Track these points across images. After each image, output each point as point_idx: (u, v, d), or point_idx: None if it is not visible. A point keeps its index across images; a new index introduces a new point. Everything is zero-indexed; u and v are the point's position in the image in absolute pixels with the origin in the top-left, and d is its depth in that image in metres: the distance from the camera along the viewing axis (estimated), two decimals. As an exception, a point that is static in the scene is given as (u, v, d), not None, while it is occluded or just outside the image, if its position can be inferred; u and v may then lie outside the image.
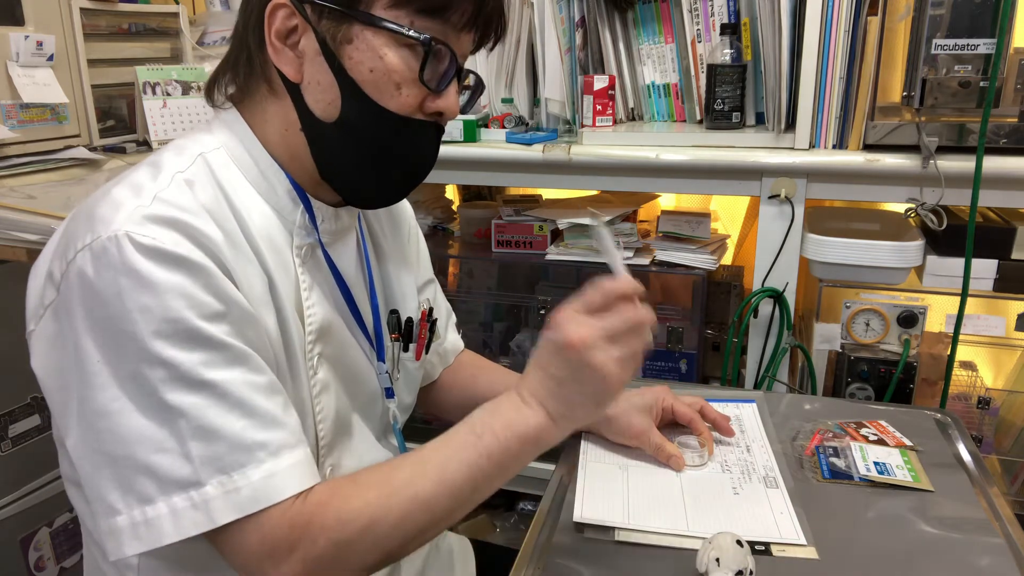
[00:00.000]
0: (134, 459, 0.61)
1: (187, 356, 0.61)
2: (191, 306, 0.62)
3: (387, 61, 0.69)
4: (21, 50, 1.27)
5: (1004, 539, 0.78)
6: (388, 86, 0.70)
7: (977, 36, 1.18)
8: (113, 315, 0.61)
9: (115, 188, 0.67)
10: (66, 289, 0.64)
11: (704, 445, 0.93)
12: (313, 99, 0.72)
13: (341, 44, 0.69)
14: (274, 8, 0.69)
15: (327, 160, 0.74)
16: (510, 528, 1.83)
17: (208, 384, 0.62)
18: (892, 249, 1.30)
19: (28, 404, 1.21)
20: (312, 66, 0.71)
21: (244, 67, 0.74)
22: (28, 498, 1.24)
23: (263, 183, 0.74)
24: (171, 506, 0.61)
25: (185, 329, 0.62)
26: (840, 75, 1.29)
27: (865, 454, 0.92)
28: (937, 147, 1.23)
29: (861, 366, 1.37)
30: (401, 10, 0.69)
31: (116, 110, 1.53)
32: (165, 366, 0.61)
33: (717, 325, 1.66)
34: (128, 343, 0.61)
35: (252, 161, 0.74)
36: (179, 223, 0.64)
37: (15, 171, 1.25)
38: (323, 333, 0.77)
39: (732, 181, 1.40)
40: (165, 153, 0.72)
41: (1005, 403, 1.46)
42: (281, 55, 0.71)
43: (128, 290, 0.61)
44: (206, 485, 0.61)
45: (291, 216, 0.76)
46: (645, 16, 1.55)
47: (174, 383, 0.61)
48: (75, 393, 0.64)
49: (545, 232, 1.60)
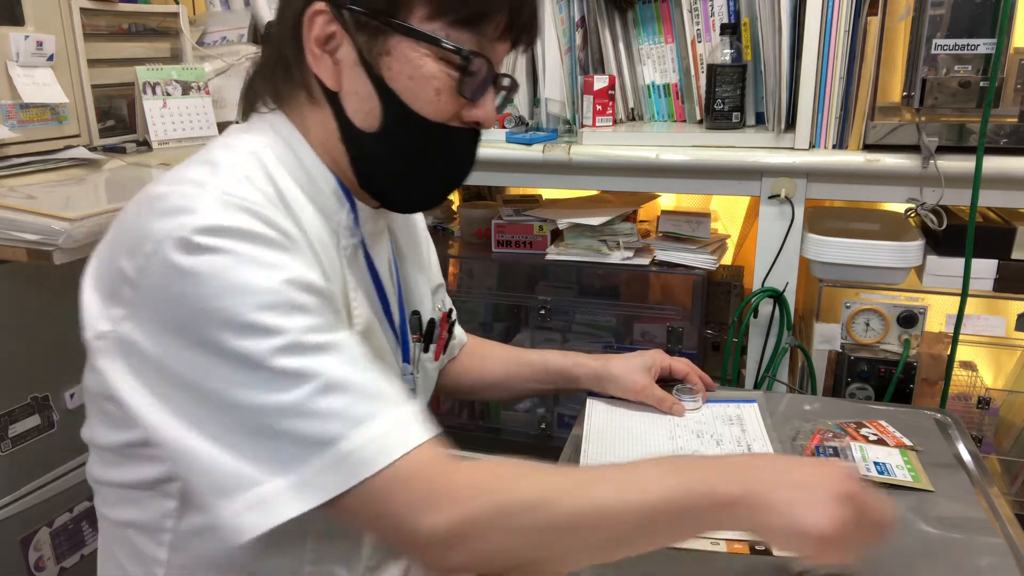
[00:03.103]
0: (266, 429, 0.60)
1: (294, 322, 0.61)
2: (289, 279, 0.62)
3: (425, 71, 0.70)
4: (21, 50, 1.27)
5: (1004, 539, 0.78)
6: (427, 94, 0.71)
7: (977, 36, 1.18)
8: (213, 294, 0.60)
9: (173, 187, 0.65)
10: (149, 285, 0.62)
11: (698, 392, 1.06)
12: (352, 108, 0.72)
13: (379, 55, 0.70)
14: (313, 14, 0.70)
15: (368, 169, 0.75)
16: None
17: (322, 346, 0.62)
18: (892, 249, 1.30)
19: (28, 404, 1.21)
20: (351, 75, 0.71)
21: (281, 73, 0.74)
22: (28, 498, 1.24)
23: (309, 184, 0.74)
24: (315, 467, 0.60)
25: (286, 299, 0.62)
26: (840, 75, 1.29)
27: (865, 454, 0.92)
28: (937, 147, 1.23)
29: (861, 366, 1.37)
30: (438, 22, 0.69)
31: (116, 110, 1.53)
32: (274, 335, 0.60)
33: (717, 325, 1.66)
34: (232, 321, 0.60)
35: (298, 161, 0.74)
36: (254, 211, 0.64)
37: (15, 171, 1.25)
38: (366, 333, 0.78)
39: (732, 181, 1.40)
40: (214, 151, 0.71)
41: (1005, 403, 1.46)
42: (320, 62, 0.71)
43: (224, 269, 0.60)
44: (343, 440, 0.60)
45: (336, 216, 0.76)
46: (645, 16, 1.55)
47: (288, 350, 0.60)
48: (175, 386, 0.62)
49: (545, 232, 1.60)
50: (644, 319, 1.65)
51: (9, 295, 1.16)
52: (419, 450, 0.62)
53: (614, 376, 1.04)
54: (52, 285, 1.22)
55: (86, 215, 1.04)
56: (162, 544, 0.72)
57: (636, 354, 1.07)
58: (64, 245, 1.01)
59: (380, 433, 0.62)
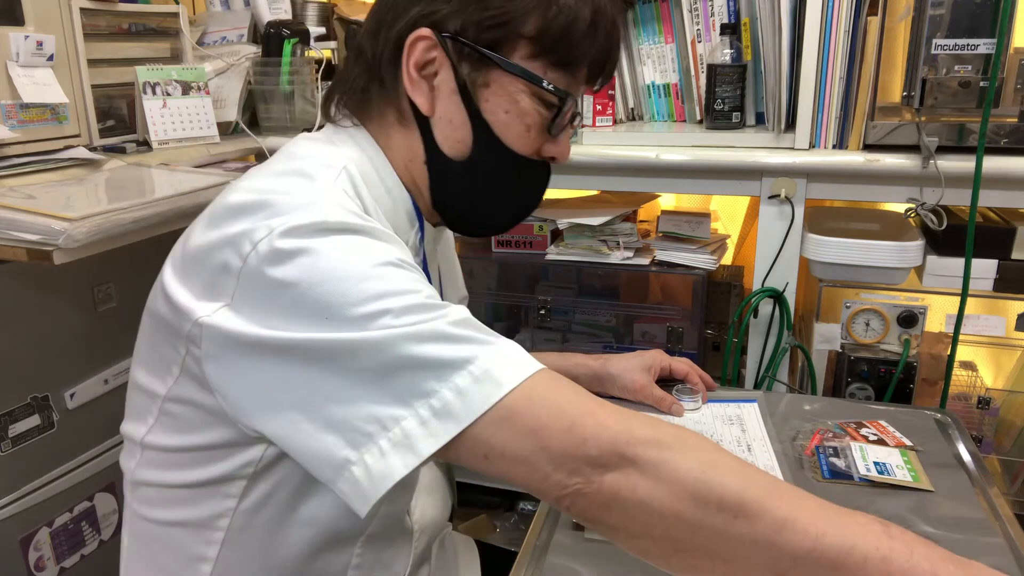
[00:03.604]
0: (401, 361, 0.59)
1: (417, 286, 0.61)
2: (400, 258, 0.63)
3: (521, 106, 0.72)
4: (21, 50, 1.27)
5: (1004, 539, 0.78)
6: (519, 129, 0.73)
7: (977, 36, 1.18)
8: (337, 267, 0.60)
9: (271, 195, 0.64)
10: (259, 273, 0.61)
11: (698, 392, 1.05)
12: (443, 135, 0.74)
13: (479, 87, 0.72)
14: (416, 39, 0.71)
15: (447, 194, 0.77)
16: (510, 528, 1.83)
17: (443, 305, 0.62)
18: (892, 249, 1.30)
19: (28, 404, 1.21)
20: (446, 102, 0.73)
21: (376, 91, 0.75)
22: (28, 498, 1.24)
23: (388, 202, 0.75)
24: (456, 386, 0.59)
25: (405, 270, 0.62)
26: (840, 75, 1.29)
27: (865, 454, 0.92)
28: (937, 147, 1.23)
29: (861, 366, 1.37)
30: (538, 61, 0.71)
31: (116, 110, 1.53)
32: (400, 295, 0.60)
33: (717, 325, 1.66)
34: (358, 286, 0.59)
35: (379, 179, 0.75)
36: (358, 213, 0.65)
37: (15, 171, 1.25)
38: None
39: (732, 181, 1.40)
40: (304, 162, 0.70)
41: (1005, 403, 1.46)
42: (417, 87, 0.72)
43: (344, 245, 0.61)
44: (479, 358, 0.60)
45: (405, 236, 0.77)
46: (645, 16, 1.55)
47: (414, 307, 0.60)
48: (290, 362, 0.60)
49: (545, 232, 1.60)
50: (644, 319, 1.65)
51: (9, 295, 1.16)
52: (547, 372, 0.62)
53: (613, 376, 1.03)
54: (52, 285, 1.22)
55: (86, 215, 1.04)
56: (213, 543, 0.72)
57: (636, 354, 1.06)
58: (64, 245, 1.01)
59: (513, 351, 0.62)
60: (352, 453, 0.59)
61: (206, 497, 0.71)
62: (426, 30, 0.71)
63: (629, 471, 0.58)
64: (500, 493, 1.84)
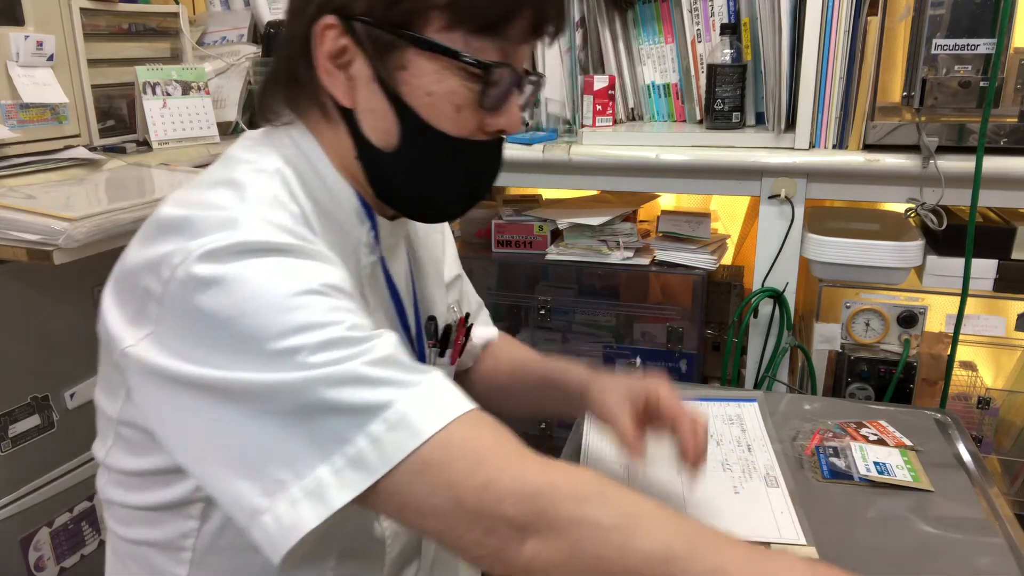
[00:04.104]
0: (315, 405, 0.56)
1: (339, 317, 0.58)
2: (330, 284, 0.60)
3: (445, 86, 0.66)
4: (21, 50, 1.27)
5: (1004, 539, 0.78)
6: (447, 109, 0.67)
7: (977, 36, 1.18)
8: (255, 296, 0.57)
9: (197, 211, 0.62)
10: (177, 299, 0.59)
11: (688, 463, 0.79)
12: (369, 126, 0.68)
13: (395, 70, 0.66)
14: (324, 28, 0.66)
15: (387, 187, 0.72)
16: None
17: (366, 338, 0.58)
18: (892, 249, 1.30)
19: (28, 404, 1.21)
20: (366, 92, 0.67)
21: (294, 88, 0.71)
22: (28, 498, 1.24)
23: (331, 202, 0.71)
24: (371, 435, 0.56)
25: (329, 298, 0.59)
26: (840, 75, 1.29)
27: (865, 454, 0.92)
28: (937, 147, 1.23)
29: (861, 366, 1.37)
30: (456, 32, 0.64)
31: (116, 110, 1.53)
32: (319, 328, 0.57)
33: (717, 325, 1.66)
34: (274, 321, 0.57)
35: (319, 177, 0.71)
36: (288, 228, 0.62)
37: (15, 171, 1.25)
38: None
39: (732, 181, 1.40)
40: (236, 170, 0.68)
41: (1005, 403, 1.46)
42: (333, 78, 0.67)
43: (264, 273, 0.58)
44: (397, 402, 0.56)
45: (356, 234, 0.73)
46: (645, 16, 1.55)
47: (333, 343, 0.57)
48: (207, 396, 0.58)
49: (545, 232, 1.60)
50: (644, 319, 1.65)
51: (9, 295, 1.16)
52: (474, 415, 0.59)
53: (592, 391, 0.85)
54: (52, 285, 1.22)
55: (86, 215, 1.04)
56: (182, 562, 0.71)
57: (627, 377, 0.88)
58: (64, 245, 1.01)
59: (435, 393, 0.58)
60: (264, 501, 0.56)
61: (168, 518, 0.69)
62: (331, 17, 0.65)
63: (548, 534, 0.55)
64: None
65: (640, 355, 1.61)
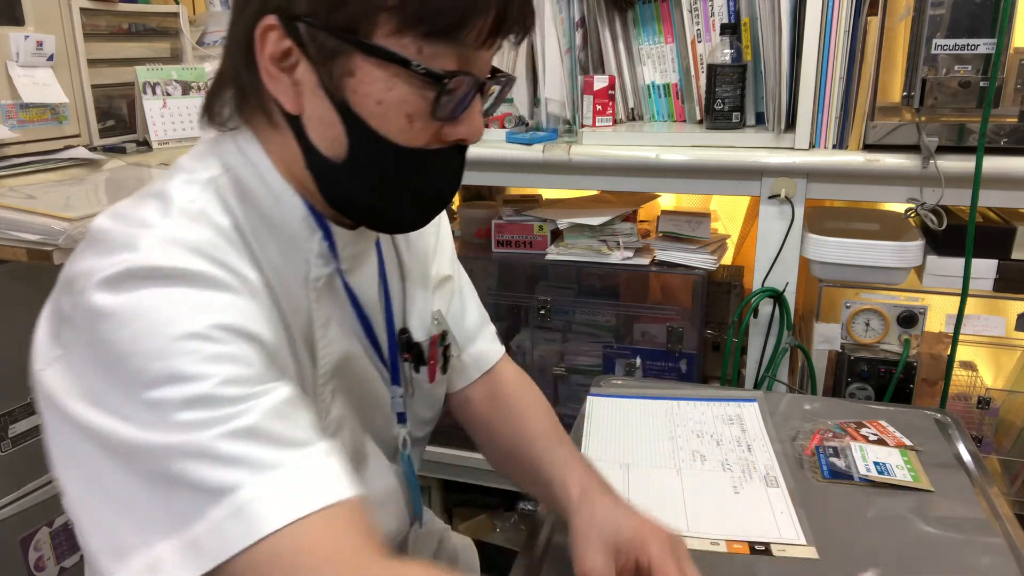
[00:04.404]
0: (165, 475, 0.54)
1: (215, 370, 0.55)
2: (219, 323, 0.57)
3: (395, 95, 0.61)
4: (21, 50, 1.27)
5: (1004, 539, 0.78)
6: (399, 120, 0.62)
7: (977, 36, 1.18)
8: (133, 337, 0.55)
9: (119, 224, 0.61)
10: (79, 326, 0.58)
11: None
12: (316, 135, 0.64)
13: (343, 77, 0.61)
14: (265, 30, 0.61)
15: (338, 197, 0.68)
16: (510, 528, 1.83)
17: (239, 398, 0.55)
18: (892, 249, 1.30)
19: (28, 404, 1.21)
20: (312, 98, 0.63)
21: (239, 92, 0.66)
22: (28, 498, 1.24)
23: (277, 211, 0.67)
24: (210, 520, 0.53)
25: (212, 344, 0.56)
26: (840, 75, 1.29)
27: (865, 454, 0.92)
28: (937, 147, 1.23)
29: (861, 366, 1.37)
30: (407, 37, 0.59)
31: (116, 110, 1.53)
32: (190, 381, 0.54)
33: (717, 325, 1.66)
34: (149, 365, 0.55)
35: (265, 187, 0.67)
36: (201, 250, 0.59)
37: (15, 171, 1.25)
38: (339, 369, 0.73)
39: (732, 181, 1.40)
40: (171, 182, 0.66)
41: (1005, 403, 1.46)
42: (277, 82, 0.63)
43: (149, 310, 0.56)
44: (243, 487, 0.53)
45: (307, 244, 0.69)
46: (645, 16, 1.55)
47: (201, 401, 0.54)
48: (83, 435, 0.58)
49: (545, 232, 1.60)
50: (644, 319, 1.65)
51: (9, 295, 1.16)
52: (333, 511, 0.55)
53: (575, 529, 0.73)
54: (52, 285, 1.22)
55: (86, 215, 1.04)
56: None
57: (624, 515, 0.73)
58: (64, 245, 1.01)
59: (294, 480, 0.54)
60: (112, 564, 0.54)
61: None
62: (272, 18, 0.60)
63: None
64: (500, 493, 1.84)
65: (640, 355, 1.61)
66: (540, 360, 1.70)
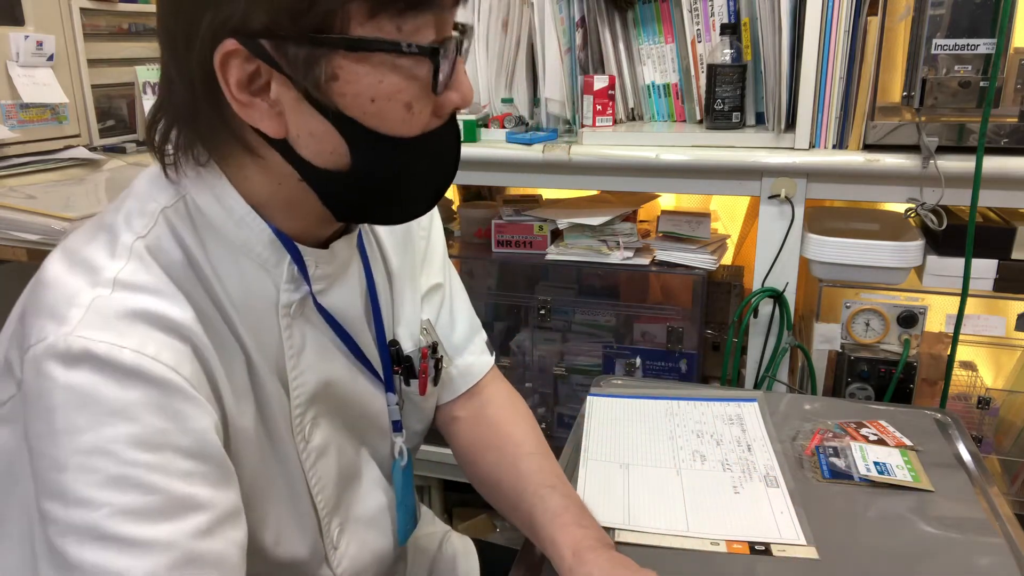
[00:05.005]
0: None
1: (107, 497, 0.52)
2: (133, 436, 0.53)
3: (387, 86, 0.57)
4: (21, 50, 1.27)
5: (1004, 539, 0.78)
6: (398, 113, 0.59)
7: (977, 36, 1.18)
8: (42, 435, 0.53)
9: (68, 269, 0.59)
10: (23, 391, 0.56)
11: None
12: (310, 152, 0.60)
13: (327, 83, 0.56)
14: (225, 57, 0.55)
15: (344, 204, 0.65)
16: (510, 528, 1.83)
17: (123, 540, 0.52)
18: (892, 249, 1.30)
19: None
20: (296, 115, 0.58)
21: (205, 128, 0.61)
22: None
23: (239, 237, 0.63)
24: None
25: (116, 463, 0.52)
26: (840, 75, 1.29)
27: (865, 454, 0.92)
28: (937, 147, 1.23)
29: (861, 366, 1.37)
30: (382, 18, 0.55)
31: (116, 110, 1.53)
32: (79, 506, 0.51)
33: (717, 325, 1.66)
34: (48, 473, 0.53)
35: (225, 213, 0.63)
36: (146, 315, 0.57)
37: (15, 171, 1.25)
38: (316, 396, 0.71)
39: (732, 181, 1.40)
40: (120, 213, 0.63)
41: (1005, 403, 1.46)
42: (252, 110, 0.57)
43: (60, 408, 0.53)
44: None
45: (275, 270, 0.66)
46: (645, 16, 1.55)
47: (83, 532, 0.51)
48: (11, 513, 0.58)
49: (545, 232, 1.60)
50: (644, 319, 1.65)
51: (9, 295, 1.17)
52: None
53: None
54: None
55: (86, 215, 1.04)
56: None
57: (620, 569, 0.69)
58: (64, 245, 1.01)
59: None
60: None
61: None
62: (231, 42, 0.55)
63: None
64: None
65: (640, 355, 1.61)
66: (540, 360, 1.70)
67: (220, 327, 0.63)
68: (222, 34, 0.55)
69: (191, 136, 0.62)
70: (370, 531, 0.80)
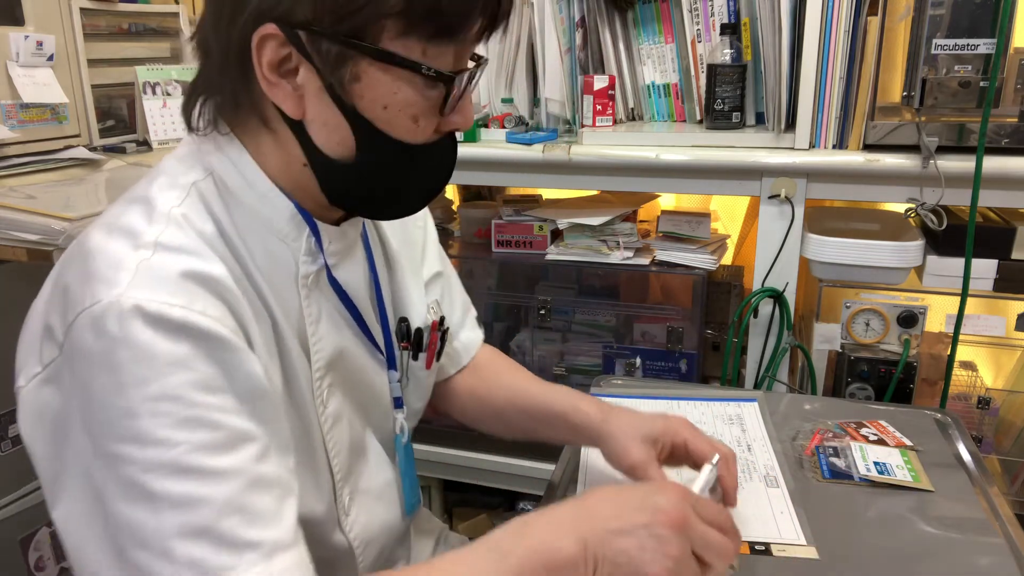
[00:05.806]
0: (120, 551, 0.56)
1: (182, 436, 0.56)
2: (194, 381, 0.57)
3: (401, 98, 0.64)
4: (21, 50, 1.27)
5: (1004, 539, 0.78)
6: (406, 123, 0.65)
7: (977, 36, 1.18)
8: (108, 388, 0.56)
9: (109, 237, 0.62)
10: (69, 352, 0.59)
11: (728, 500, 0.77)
12: (320, 137, 0.66)
13: (349, 82, 0.63)
14: (263, 38, 0.61)
15: (341, 193, 0.70)
16: (510, 528, 1.83)
17: (201, 471, 0.56)
18: (892, 249, 1.30)
19: (28, 404, 1.22)
20: (316, 103, 0.64)
21: (229, 98, 0.67)
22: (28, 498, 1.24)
23: (263, 211, 0.69)
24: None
25: (184, 407, 0.57)
26: (840, 75, 1.29)
27: (865, 454, 0.92)
28: (937, 147, 1.23)
29: (861, 366, 1.37)
30: (411, 39, 0.61)
31: (116, 110, 1.53)
32: (157, 446, 0.56)
33: (717, 325, 1.66)
34: (120, 420, 0.56)
35: (249, 187, 0.68)
36: (189, 274, 0.60)
37: (15, 171, 1.25)
38: (333, 364, 0.75)
39: (732, 181, 1.40)
40: (154, 185, 0.67)
41: (1005, 403, 1.46)
42: (278, 89, 0.63)
43: (126, 363, 0.56)
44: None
45: (295, 243, 0.71)
46: (645, 16, 1.55)
47: (164, 468, 0.55)
48: (68, 467, 0.60)
49: (545, 232, 1.60)
50: (644, 319, 1.65)
51: (9, 295, 1.17)
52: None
53: (610, 434, 0.83)
54: (52, 285, 1.22)
55: (86, 215, 1.04)
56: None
57: (648, 416, 0.83)
58: (64, 245, 1.01)
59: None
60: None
61: None
62: (271, 26, 0.60)
63: None
64: (500, 493, 1.84)
65: (640, 355, 1.61)
66: (540, 360, 1.70)
67: (250, 292, 0.66)
68: (265, 18, 0.61)
69: (217, 104, 0.68)
70: (379, 504, 0.82)
